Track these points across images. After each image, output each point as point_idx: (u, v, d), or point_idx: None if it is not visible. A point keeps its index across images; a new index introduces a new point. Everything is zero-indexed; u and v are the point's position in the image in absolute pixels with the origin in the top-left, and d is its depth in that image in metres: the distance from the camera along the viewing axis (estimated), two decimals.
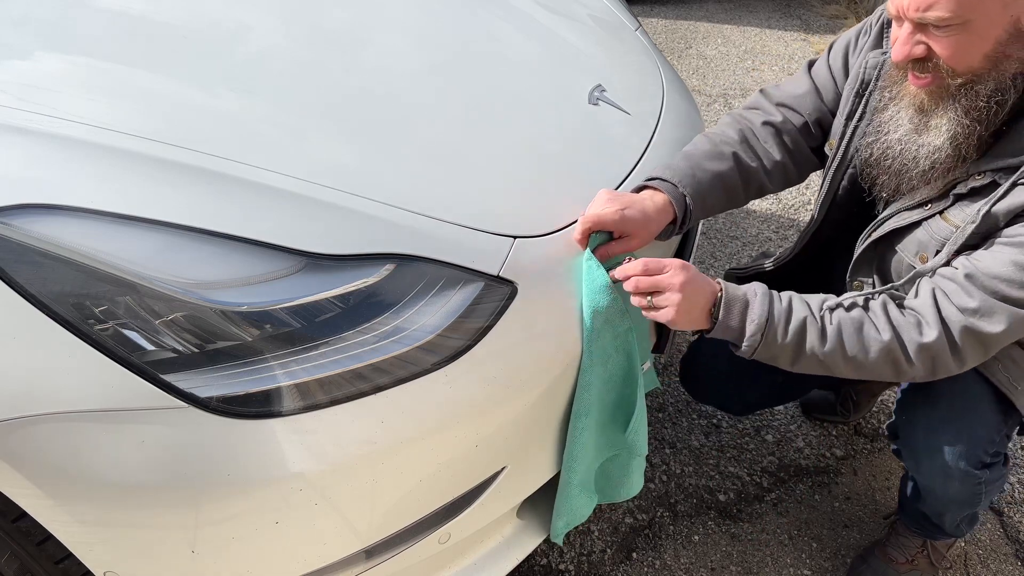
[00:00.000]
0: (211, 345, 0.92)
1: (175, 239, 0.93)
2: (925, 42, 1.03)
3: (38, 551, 1.00)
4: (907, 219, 1.16)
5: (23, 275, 0.87)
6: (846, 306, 1.11)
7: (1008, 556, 1.62)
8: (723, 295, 1.10)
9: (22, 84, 1.06)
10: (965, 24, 0.99)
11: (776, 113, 1.36)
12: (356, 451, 0.96)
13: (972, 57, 1.02)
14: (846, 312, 1.10)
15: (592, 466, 1.25)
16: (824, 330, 1.09)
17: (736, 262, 2.50)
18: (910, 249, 1.16)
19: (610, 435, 1.24)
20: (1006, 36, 1.00)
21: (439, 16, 1.53)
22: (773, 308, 1.09)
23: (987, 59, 1.02)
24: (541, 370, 1.08)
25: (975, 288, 1.04)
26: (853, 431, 1.90)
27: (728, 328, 1.11)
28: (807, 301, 1.12)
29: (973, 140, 1.06)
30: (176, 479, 0.91)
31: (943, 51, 1.02)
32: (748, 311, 1.10)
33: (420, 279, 1.00)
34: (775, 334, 1.09)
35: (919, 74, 1.07)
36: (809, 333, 1.09)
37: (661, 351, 1.45)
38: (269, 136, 1.09)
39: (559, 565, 1.56)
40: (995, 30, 1.00)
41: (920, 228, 1.15)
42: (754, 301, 1.10)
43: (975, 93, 1.04)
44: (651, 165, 1.33)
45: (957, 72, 1.03)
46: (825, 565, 1.59)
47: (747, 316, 1.10)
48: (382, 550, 1.08)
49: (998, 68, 1.03)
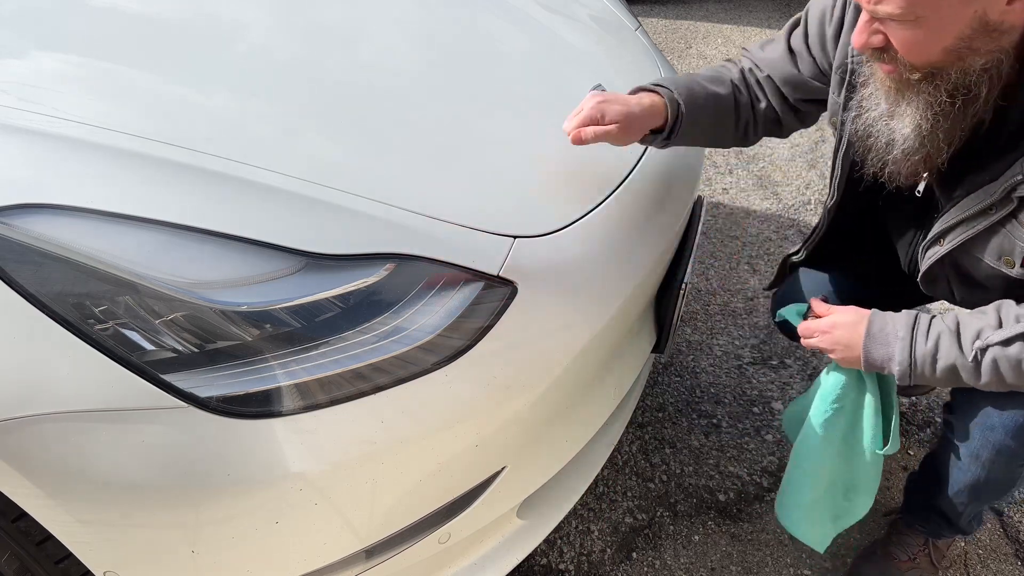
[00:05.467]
0: (211, 345, 0.92)
1: (175, 239, 0.93)
2: (882, 32, 0.99)
3: (38, 551, 1.00)
4: (974, 229, 1.10)
5: (23, 275, 0.87)
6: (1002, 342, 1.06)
7: (1008, 556, 1.62)
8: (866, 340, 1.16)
9: (22, 84, 1.06)
10: (919, 20, 0.94)
11: (763, 68, 1.36)
12: (356, 451, 0.96)
13: (930, 51, 0.97)
14: (1003, 349, 1.06)
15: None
16: (979, 369, 1.08)
17: (736, 262, 2.50)
18: (990, 253, 1.11)
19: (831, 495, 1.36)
20: (970, 31, 0.95)
21: (438, 15, 1.53)
22: (915, 351, 1.12)
23: (948, 53, 0.97)
24: (541, 370, 1.08)
25: None
26: None
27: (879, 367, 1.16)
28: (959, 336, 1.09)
29: (939, 135, 1.03)
30: (176, 479, 0.90)
31: (899, 44, 0.98)
32: (890, 363, 1.14)
33: (420, 279, 1.00)
34: (924, 375, 1.11)
35: (881, 63, 1.04)
36: (962, 373, 1.10)
37: (661, 351, 1.45)
38: (269, 136, 1.09)
39: (559, 565, 1.56)
40: (955, 25, 0.94)
41: (995, 234, 1.09)
42: (895, 346, 1.14)
43: (935, 87, 1.00)
44: (651, 165, 1.34)
45: (915, 66, 1.00)
46: (825, 565, 1.59)
47: (891, 362, 1.14)
48: (382, 550, 1.08)
49: (962, 62, 0.97)
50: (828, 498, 1.35)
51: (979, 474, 1.26)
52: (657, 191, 1.34)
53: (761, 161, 3.10)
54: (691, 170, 1.51)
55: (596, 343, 1.14)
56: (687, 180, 1.47)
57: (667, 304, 1.40)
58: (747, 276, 2.42)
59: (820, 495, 1.34)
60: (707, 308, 2.31)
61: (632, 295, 1.21)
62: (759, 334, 2.21)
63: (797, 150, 3.19)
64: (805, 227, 2.69)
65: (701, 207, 1.55)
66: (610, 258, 1.19)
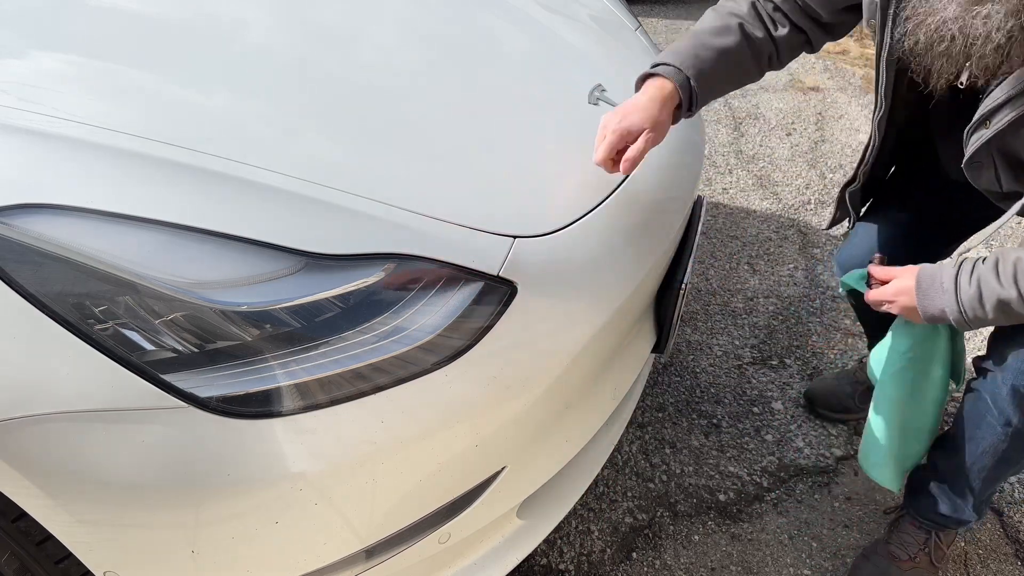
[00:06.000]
0: (211, 345, 0.92)
1: (175, 239, 0.93)
2: None
3: (38, 551, 1.00)
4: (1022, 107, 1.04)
5: (23, 275, 0.87)
6: None
7: (1008, 556, 1.62)
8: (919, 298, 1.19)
9: (22, 84, 1.06)
10: None
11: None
12: (356, 451, 0.96)
13: None
14: None
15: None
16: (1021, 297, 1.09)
17: (736, 262, 2.50)
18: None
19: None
20: None
21: (438, 15, 1.53)
22: (961, 299, 1.14)
23: None
24: (541, 370, 1.08)
25: None
26: (853, 431, 1.90)
27: (939, 320, 1.20)
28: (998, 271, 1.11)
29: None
30: (176, 479, 0.90)
31: None
32: (945, 315, 1.18)
33: (420, 279, 1.00)
34: (978, 318, 1.14)
35: None
36: (1014, 307, 1.10)
37: (661, 351, 1.45)
38: (269, 136, 1.09)
39: (559, 565, 1.56)
40: None
41: None
42: (943, 298, 1.17)
43: None
44: (650, 165, 1.34)
45: None
46: (825, 565, 1.59)
47: (945, 314, 1.17)
48: (382, 550, 1.08)
49: None
50: (900, 441, 1.43)
51: (1008, 441, 1.28)
52: (657, 192, 1.34)
53: (761, 161, 3.10)
54: (691, 170, 1.51)
55: (596, 343, 1.14)
56: (687, 180, 1.47)
57: (667, 304, 1.40)
58: (747, 276, 2.42)
59: (895, 439, 1.43)
60: (707, 308, 2.31)
61: (632, 295, 1.21)
62: (759, 334, 2.21)
63: (797, 150, 3.19)
64: (805, 227, 2.69)
65: (701, 207, 1.55)
66: (610, 258, 1.19)
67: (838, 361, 2.12)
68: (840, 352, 2.15)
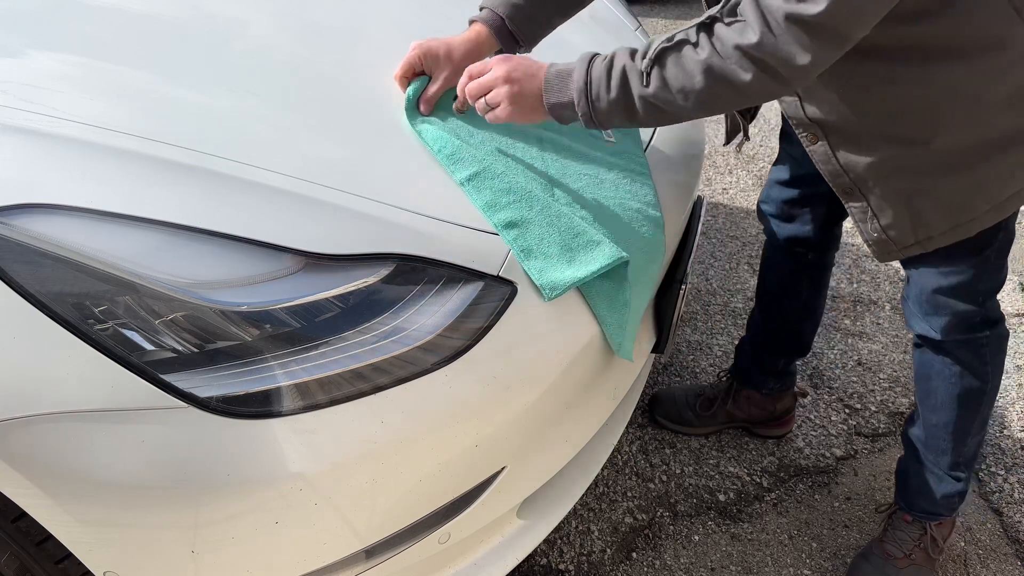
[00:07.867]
0: (211, 345, 0.92)
1: (175, 239, 0.93)
2: None
3: (38, 551, 1.00)
4: None
5: (23, 275, 0.87)
6: (672, 43, 1.01)
7: (1008, 556, 1.62)
8: (548, 72, 1.07)
9: (22, 84, 1.06)
10: None
11: None
12: (356, 451, 0.96)
13: None
14: (668, 45, 1.00)
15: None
16: (647, 72, 1.01)
17: (736, 262, 2.50)
18: None
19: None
20: None
21: (436, 15, 1.53)
22: (592, 68, 1.04)
23: None
24: (541, 370, 1.08)
25: None
26: (853, 431, 1.90)
27: (560, 105, 1.07)
28: (634, 50, 1.04)
29: None
30: (176, 479, 0.90)
31: None
32: (570, 80, 1.06)
33: (420, 279, 1.00)
34: (600, 92, 1.03)
35: None
36: (631, 79, 1.02)
37: (661, 351, 1.45)
38: (268, 135, 1.09)
39: (559, 565, 1.56)
40: None
41: None
42: (575, 68, 1.06)
43: None
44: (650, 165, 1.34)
45: None
46: (825, 565, 1.59)
47: (569, 85, 1.05)
48: (382, 550, 1.08)
49: None
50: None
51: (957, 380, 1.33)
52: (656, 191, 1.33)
53: (761, 161, 3.11)
54: (691, 170, 1.51)
55: (596, 343, 1.14)
56: (687, 180, 1.47)
57: (667, 304, 1.40)
58: (747, 276, 2.42)
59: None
60: (707, 308, 2.31)
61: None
62: None
63: None
64: None
65: (701, 207, 1.55)
66: None
67: (838, 361, 2.12)
68: (840, 352, 2.15)
